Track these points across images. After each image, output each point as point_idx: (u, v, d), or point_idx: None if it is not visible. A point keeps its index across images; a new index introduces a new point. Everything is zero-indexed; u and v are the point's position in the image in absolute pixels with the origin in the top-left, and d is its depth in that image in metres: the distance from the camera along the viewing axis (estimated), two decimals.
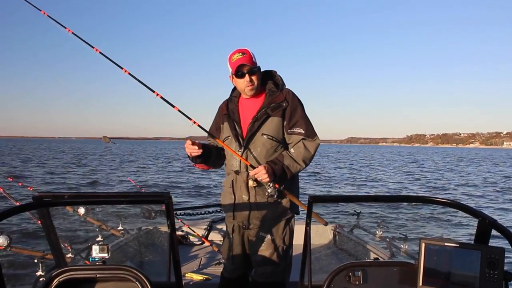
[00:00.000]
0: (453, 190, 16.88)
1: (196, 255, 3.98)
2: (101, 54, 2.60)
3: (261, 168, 2.21)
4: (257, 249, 2.35)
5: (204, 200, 11.97)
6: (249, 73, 2.33)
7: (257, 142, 2.32)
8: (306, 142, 2.32)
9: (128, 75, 2.55)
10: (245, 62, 2.31)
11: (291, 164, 2.28)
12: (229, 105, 2.49)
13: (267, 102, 2.36)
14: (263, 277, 2.34)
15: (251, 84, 2.34)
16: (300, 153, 2.29)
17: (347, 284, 1.81)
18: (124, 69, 2.58)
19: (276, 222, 2.35)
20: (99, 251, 1.74)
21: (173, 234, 1.68)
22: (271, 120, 2.32)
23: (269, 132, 2.31)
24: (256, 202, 2.32)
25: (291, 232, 2.39)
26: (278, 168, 2.25)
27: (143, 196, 2.52)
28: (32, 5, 2.74)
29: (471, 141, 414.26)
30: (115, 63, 2.59)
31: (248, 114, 2.39)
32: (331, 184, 18.05)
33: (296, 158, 2.29)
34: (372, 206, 8.45)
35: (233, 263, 2.45)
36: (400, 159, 51.75)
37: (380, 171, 27.52)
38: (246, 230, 2.39)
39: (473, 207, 1.76)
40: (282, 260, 2.34)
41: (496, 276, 1.59)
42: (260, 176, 2.21)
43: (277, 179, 2.24)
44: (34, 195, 1.69)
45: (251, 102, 2.41)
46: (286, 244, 2.36)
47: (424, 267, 1.74)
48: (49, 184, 15.54)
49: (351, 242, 4.07)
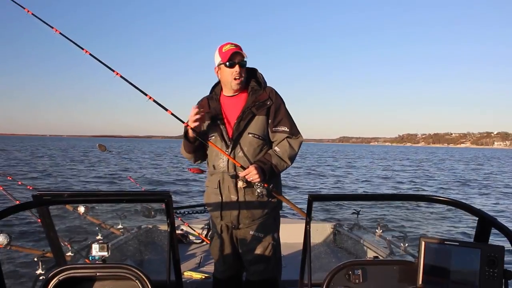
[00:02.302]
0: (452, 189, 16.90)
1: (195, 253, 3.99)
2: (91, 55, 2.57)
3: (252, 168, 2.21)
4: (248, 248, 2.35)
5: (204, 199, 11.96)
6: (240, 64, 2.30)
7: (244, 142, 2.30)
8: (290, 140, 2.33)
9: (120, 78, 2.52)
10: (239, 51, 2.30)
11: (278, 162, 2.30)
12: (210, 102, 2.42)
13: (250, 100, 2.32)
14: (256, 276, 2.35)
15: (240, 77, 2.31)
16: (286, 151, 2.31)
17: (347, 283, 1.81)
18: (116, 72, 2.55)
19: (265, 219, 2.36)
20: (99, 250, 1.74)
21: (173, 233, 1.67)
22: (257, 119, 2.31)
23: (255, 131, 2.30)
24: (245, 202, 2.31)
25: (278, 227, 2.43)
26: (267, 167, 2.25)
27: (143, 194, 2.51)
28: (17, 4, 2.70)
29: (462, 141, 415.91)
30: (106, 65, 2.55)
31: (232, 113, 2.35)
32: (331, 183, 18.06)
33: (282, 156, 2.30)
34: (372, 205, 8.45)
35: (224, 263, 2.43)
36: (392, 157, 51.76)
37: (379, 171, 27.52)
38: (235, 230, 2.38)
39: (472, 206, 1.76)
40: (273, 257, 2.36)
41: (495, 275, 1.59)
42: (251, 177, 2.21)
43: (266, 178, 2.25)
44: (34, 194, 1.68)
45: (234, 101, 2.37)
46: (275, 241, 2.38)
47: (424, 265, 1.74)
48: (48, 183, 15.53)
49: (351, 241, 4.08)
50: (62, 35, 2.62)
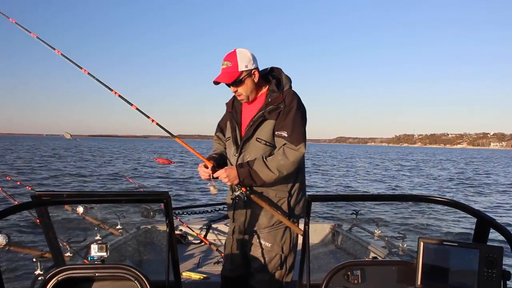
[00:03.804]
0: (451, 189, 16.92)
1: (194, 254, 3.98)
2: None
3: (222, 171, 2.17)
4: (255, 255, 2.30)
5: (203, 199, 11.97)
6: (232, 85, 2.23)
7: (252, 147, 2.25)
8: (286, 149, 2.16)
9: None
10: (223, 79, 2.21)
11: (261, 170, 2.13)
12: (234, 102, 2.42)
13: (265, 104, 2.25)
14: (260, 285, 2.28)
15: (239, 95, 2.27)
16: (276, 160, 2.14)
17: (346, 283, 1.81)
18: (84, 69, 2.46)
19: (274, 229, 2.28)
20: (97, 250, 1.74)
21: (172, 233, 1.67)
22: (266, 124, 2.22)
23: (263, 137, 2.22)
24: (251, 208, 2.27)
25: (293, 239, 2.31)
26: (244, 171, 2.15)
27: (142, 195, 2.51)
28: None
29: (458, 141, 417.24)
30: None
31: (248, 116, 2.32)
32: (331, 183, 18.07)
33: (269, 165, 2.13)
34: (371, 205, 8.46)
35: (232, 263, 2.43)
36: (390, 157, 51.80)
37: (378, 171, 27.55)
38: (245, 233, 2.37)
39: (471, 206, 1.76)
40: (281, 268, 2.28)
41: (494, 275, 1.60)
42: (221, 179, 2.18)
43: (242, 182, 2.16)
44: (33, 194, 1.68)
45: (253, 102, 2.33)
46: (284, 252, 2.28)
47: (423, 266, 1.74)
48: (47, 183, 15.51)
49: (350, 241, 4.09)
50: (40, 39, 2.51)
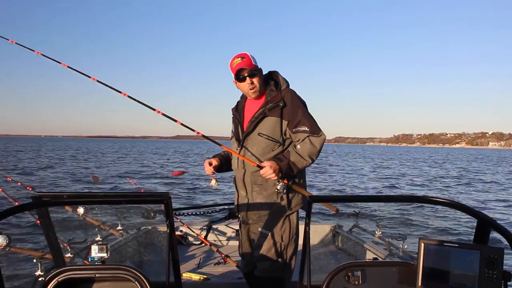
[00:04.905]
0: (451, 189, 16.90)
1: (195, 255, 3.98)
2: (98, 82, 2.60)
3: (267, 168, 2.29)
4: (257, 244, 2.45)
5: (203, 200, 11.97)
6: (249, 76, 2.42)
7: (253, 141, 2.44)
8: (312, 138, 2.38)
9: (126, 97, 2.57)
10: (244, 66, 2.40)
11: (297, 160, 2.36)
12: (239, 102, 2.65)
13: (265, 102, 2.45)
14: (261, 272, 2.42)
15: (253, 87, 2.44)
16: (306, 149, 2.37)
17: (346, 284, 1.81)
18: (123, 93, 2.58)
19: (274, 218, 2.42)
20: (98, 251, 1.74)
21: (172, 234, 1.67)
22: (267, 120, 2.41)
23: (265, 132, 2.41)
24: (253, 198, 2.44)
25: (292, 229, 2.45)
26: (284, 164, 2.33)
27: (142, 196, 2.52)
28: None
29: (457, 141, 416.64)
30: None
31: (250, 113, 2.51)
32: (331, 183, 18.06)
33: (302, 154, 2.37)
34: (371, 206, 8.45)
35: (244, 258, 2.61)
36: (391, 157, 51.81)
37: (378, 171, 27.54)
38: (248, 225, 2.51)
39: (472, 207, 1.76)
40: (281, 257, 2.41)
41: (495, 276, 1.59)
42: (268, 176, 2.30)
43: (284, 175, 2.33)
44: (33, 195, 1.68)
45: (254, 103, 2.52)
46: (284, 241, 2.41)
47: (423, 267, 1.74)
48: (48, 184, 15.52)
49: (350, 242, 4.08)
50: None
